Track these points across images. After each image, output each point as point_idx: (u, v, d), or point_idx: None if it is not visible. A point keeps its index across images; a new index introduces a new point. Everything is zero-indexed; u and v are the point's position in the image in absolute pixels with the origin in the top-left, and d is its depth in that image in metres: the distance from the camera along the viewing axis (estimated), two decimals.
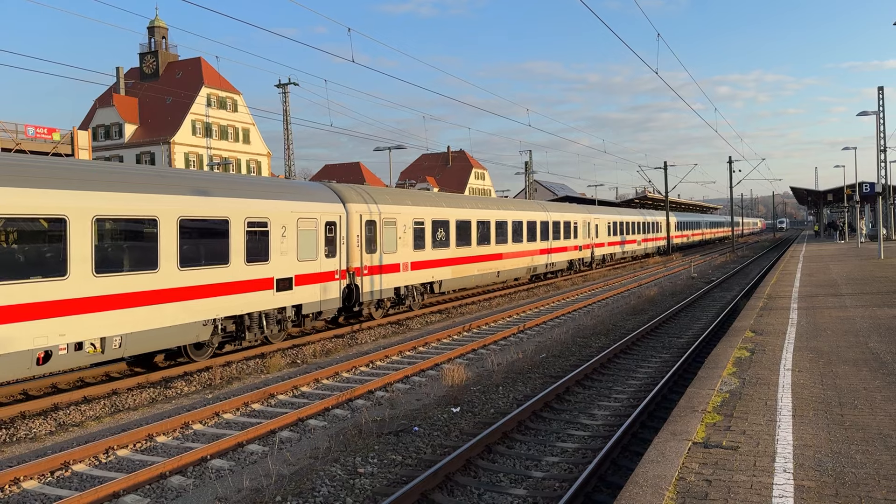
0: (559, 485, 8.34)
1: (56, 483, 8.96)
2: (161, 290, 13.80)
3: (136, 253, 13.31)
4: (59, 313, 11.80)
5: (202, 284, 14.77)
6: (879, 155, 42.36)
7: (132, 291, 13.15)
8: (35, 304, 11.41)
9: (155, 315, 13.62)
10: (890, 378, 9.56)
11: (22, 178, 11.49)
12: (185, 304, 14.31)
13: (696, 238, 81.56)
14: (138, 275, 13.30)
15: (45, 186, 11.76)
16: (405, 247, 22.46)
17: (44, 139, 39.61)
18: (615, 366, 14.96)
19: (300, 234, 17.71)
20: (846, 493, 5.67)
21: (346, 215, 19.54)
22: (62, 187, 12.09)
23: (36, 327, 11.38)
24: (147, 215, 13.54)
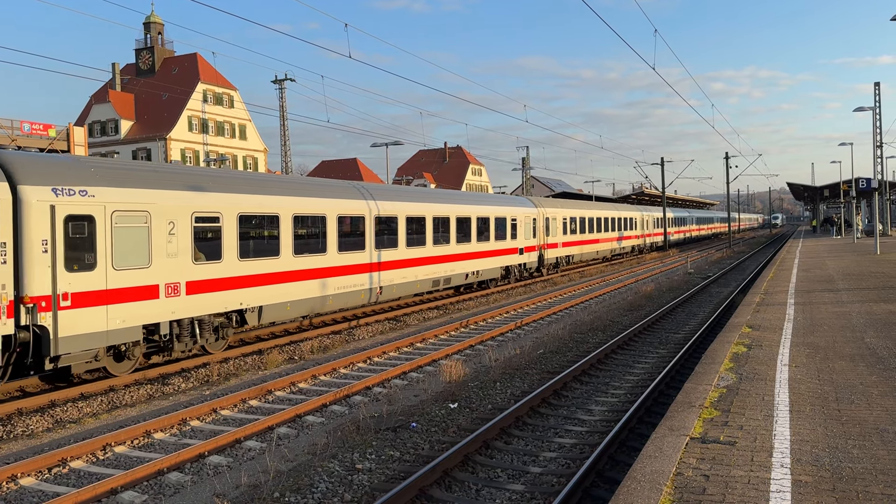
0: (557, 480, 8.35)
1: (53, 480, 8.95)
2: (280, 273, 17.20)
3: (264, 241, 16.67)
4: (220, 288, 15.42)
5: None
6: (876, 150, 42.43)
7: (257, 273, 16.47)
8: (207, 280, 15.10)
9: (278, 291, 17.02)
10: (886, 373, 9.59)
11: (201, 184, 15.17)
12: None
13: (693, 234, 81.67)
14: (263, 259, 16.61)
15: (210, 191, 15.31)
16: (556, 234, 36.61)
17: (40, 135, 39.51)
18: (612, 362, 14.98)
19: (524, 225, 32.20)
20: (843, 487, 5.68)
21: (539, 215, 33.97)
22: (219, 191, 15.54)
23: (219, 296, 15.41)
24: (271, 212, 16.88)
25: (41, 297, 11.83)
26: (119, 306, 13.10)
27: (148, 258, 13.66)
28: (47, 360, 12.11)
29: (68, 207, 12.28)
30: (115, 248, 13.05)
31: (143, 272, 13.62)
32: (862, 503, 5.39)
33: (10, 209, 11.49)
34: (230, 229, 15.60)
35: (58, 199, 12.12)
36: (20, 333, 11.71)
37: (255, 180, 17.15)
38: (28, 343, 11.85)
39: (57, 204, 12.10)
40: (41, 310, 11.82)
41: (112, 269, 13.00)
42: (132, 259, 13.39)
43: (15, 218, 11.60)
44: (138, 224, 13.53)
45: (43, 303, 11.85)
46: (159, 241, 13.93)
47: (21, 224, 11.66)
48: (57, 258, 12.06)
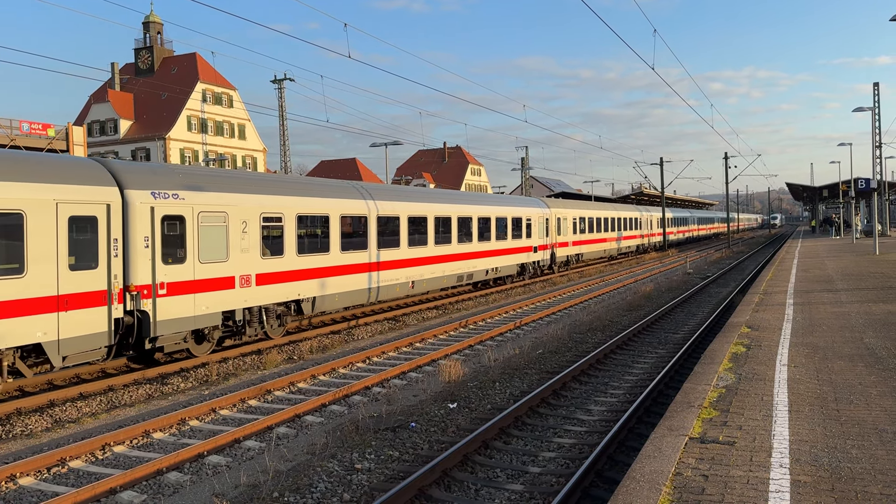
0: (556, 480, 8.35)
1: (52, 479, 8.95)
2: (331, 267, 19.04)
3: (317, 239, 18.51)
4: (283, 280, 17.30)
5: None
6: (875, 151, 42.47)
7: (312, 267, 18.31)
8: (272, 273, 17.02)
9: (328, 284, 18.91)
10: (885, 373, 9.59)
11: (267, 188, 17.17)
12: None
13: (692, 234, 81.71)
14: (317, 255, 18.47)
15: (274, 194, 17.27)
16: (566, 233, 38.20)
17: (38, 135, 39.49)
18: (612, 361, 14.98)
19: (538, 225, 33.70)
20: (842, 487, 5.69)
21: (551, 215, 35.72)
22: (281, 193, 17.47)
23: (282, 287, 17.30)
24: (323, 213, 18.71)
25: (143, 286, 13.64)
26: (203, 295, 14.95)
27: (226, 253, 15.57)
28: (146, 340, 13.89)
29: (164, 209, 14.11)
30: (200, 244, 14.91)
31: (222, 265, 15.48)
32: (861, 503, 5.39)
33: (121, 211, 13.35)
34: (290, 228, 17.55)
35: (156, 202, 13.94)
36: (125, 317, 13.43)
37: (309, 184, 19.31)
38: (132, 326, 13.58)
39: (155, 206, 13.93)
40: (143, 297, 13.63)
41: (198, 262, 14.85)
42: (213, 254, 15.24)
43: (123, 218, 13.42)
44: (218, 223, 15.39)
45: (144, 291, 13.64)
46: (235, 239, 15.80)
47: (127, 223, 13.46)
48: (155, 252, 13.86)
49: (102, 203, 12.88)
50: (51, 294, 11.96)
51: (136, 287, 13.41)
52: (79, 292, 12.43)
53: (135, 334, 13.59)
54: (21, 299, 11.52)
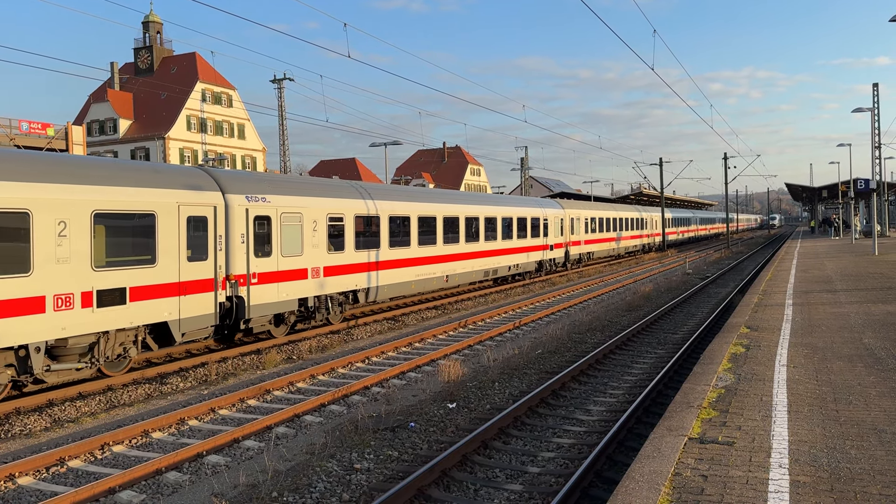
0: (555, 480, 8.35)
1: (51, 479, 8.94)
2: (381, 261, 21.44)
3: (370, 237, 20.90)
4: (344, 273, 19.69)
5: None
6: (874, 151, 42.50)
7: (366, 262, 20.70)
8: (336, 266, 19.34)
9: (379, 276, 21.27)
10: (884, 374, 9.60)
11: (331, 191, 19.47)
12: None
13: (691, 234, 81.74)
14: (370, 251, 20.80)
15: (336, 196, 19.47)
16: (579, 232, 40.17)
17: (38, 134, 39.47)
18: (611, 362, 14.98)
19: (554, 225, 35.83)
20: (841, 488, 5.69)
21: (566, 216, 37.95)
22: (342, 196, 19.67)
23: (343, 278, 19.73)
24: (374, 214, 21.14)
25: (240, 275, 15.99)
26: (284, 284, 17.35)
27: (301, 248, 17.87)
28: (241, 322, 16.33)
29: (256, 210, 16.45)
30: (282, 240, 17.21)
31: (298, 259, 17.83)
32: (860, 503, 5.39)
33: (224, 212, 15.59)
34: (350, 227, 19.82)
35: (249, 204, 16.27)
36: (226, 302, 15.75)
37: (363, 188, 21.65)
38: (230, 309, 15.91)
39: (249, 208, 16.25)
40: (240, 285, 16.01)
41: (281, 256, 17.16)
42: (292, 249, 17.54)
43: (225, 218, 15.69)
44: (295, 223, 17.67)
45: (241, 280, 16.02)
46: (308, 236, 18.12)
47: (228, 222, 15.76)
48: (249, 247, 16.21)
49: (211, 206, 15.24)
50: (174, 281, 14.28)
51: (234, 276, 15.82)
52: (194, 280, 14.78)
53: (233, 316, 15.91)
54: (153, 285, 13.80)
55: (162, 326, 14.22)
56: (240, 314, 15.93)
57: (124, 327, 13.27)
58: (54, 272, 11.96)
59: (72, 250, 12.25)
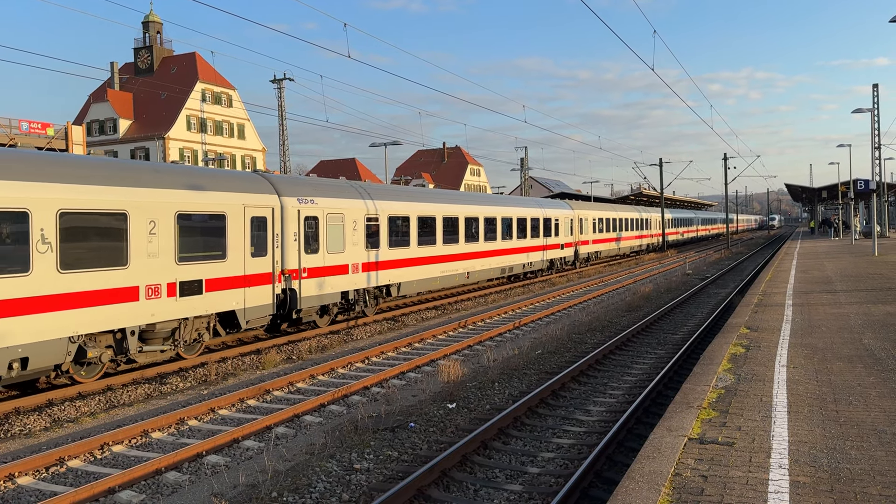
0: (555, 480, 8.35)
1: (51, 479, 8.94)
2: (410, 258, 23.11)
3: (401, 236, 22.49)
4: (378, 269, 21.32)
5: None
6: (874, 152, 42.51)
7: (398, 259, 22.35)
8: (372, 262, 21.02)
9: (408, 272, 22.97)
10: (884, 374, 9.60)
11: (368, 194, 21.25)
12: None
13: (691, 235, 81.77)
14: (401, 248, 22.51)
15: (372, 199, 21.17)
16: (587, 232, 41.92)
17: (38, 134, 39.47)
18: (611, 362, 14.98)
19: (564, 225, 37.75)
20: (841, 488, 5.69)
21: (575, 216, 39.67)
22: (377, 198, 21.45)
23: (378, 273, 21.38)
24: (405, 214, 22.74)
25: (293, 270, 17.62)
26: (329, 278, 18.99)
27: (343, 246, 19.53)
28: (293, 312, 17.88)
29: (306, 211, 18.07)
30: (328, 238, 18.88)
31: (341, 255, 19.45)
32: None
33: (280, 213, 17.22)
34: (384, 227, 21.44)
35: (301, 206, 17.91)
36: (280, 293, 17.40)
37: (396, 191, 23.59)
38: (284, 300, 17.56)
39: (300, 209, 17.88)
40: (293, 278, 17.64)
41: (326, 252, 18.80)
42: (335, 246, 19.21)
43: (281, 218, 17.32)
44: (338, 223, 19.31)
45: (294, 274, 17.66)
46: (349, 235, 19.75)
47: (283, 222, 17.39)
48: (300, 245, 17.86)
49: (269, 207, 16.87)
50: (241, 274, 15.93)
51: (288, 271, 17.43)
52: (256, 273, 16.46)
53: (286, 307, 17.51)
54: (224, 277, 15.45)
55: (230, 314, 15.95)
56: (292, 305, 17.63)
57: (200, 315, 14.97)
58: (146, 265, 13.62)
59: (160, 246, 13.90)
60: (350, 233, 19.78)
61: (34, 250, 11.57)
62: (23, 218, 11.39)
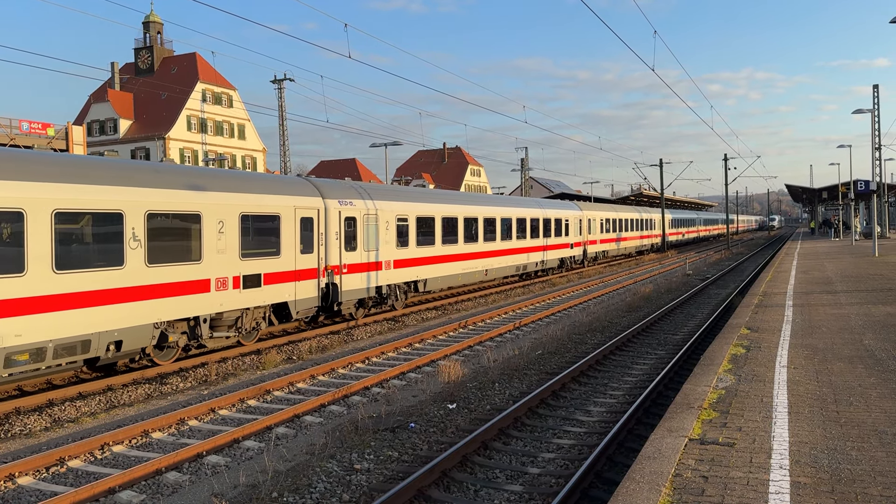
0: (555, 481, 8.35)
1: (51, 479, 8.94)
2: (435, 256, 24.88)
3: (427, 236, 24.10)
4: (408, 265, 23.03)
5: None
6: (874, 153, 42.50)
7: (424, 256, 24.03)
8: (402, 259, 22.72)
9: (434, 269, 24.72)
10: (885, 375, 9.59)
11: (399, 196, 22.92)
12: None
13: (692, 235, 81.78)
14: (427, 247, 24.15)
15: (403, 200, 22.86)
16: (595, 232, 43.48)
17: (38, 134, 39.46)
18: (611, 362, 14.98)
19: (574, 225, 39.57)
20: (842, 489, 5.69)
21: (583, 217, 41.08)
22: (406, 200, 23.08)
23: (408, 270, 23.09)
24: (430, 214, 24.52)
25: (335, 266, 19.17)
26: (365, 274, 20.56)
27: (377, 244, 21.05)
28: (335, 304, 19.43)
29: (346, 212, 19.65)
30: (364, 237, 20.39)
31: (375, 253, 20.94)
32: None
33: (324, 214, 18.72)
34: (412, 226, 23.03)
35: (341, 207, 19.46)
36: (324, 287, 18.88)
37: (424, 193, 25.36)
38: (326, 293, 19.03)
39: (341, 210, 19.43)
40: (335, 273, 19.20)
41: (363, 250, 20.36)
42: (370, 244, 20.74)
43: (325, 219, 18.84)
44: (373, 223, 20.85)
45: (335, 269, 19.19)
46: (382, 234, 21.30)
47: (326, 222, 18.88)
48: (341, 243, 19.37)
49: (315, 209, 18.44)
50: (292, 269, 17.52)
51: (330, 267, 18.93)
52: (305, 269, 18.05)
53: (329, 299, 18.99)
54: (278, 272, 17.04)
55: (282, 306, 17.53)
56: (334, 297, 19.10)
57: (259, 305, 16.53)
58: (216, 260, 15.17)
59: (226, 243, 15.49)
60: (383, 232, 21.34)
61: (127, 247, 13.15)
62: (118, 219, 12.98)
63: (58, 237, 11.88)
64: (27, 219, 11.40)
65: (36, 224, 11.52)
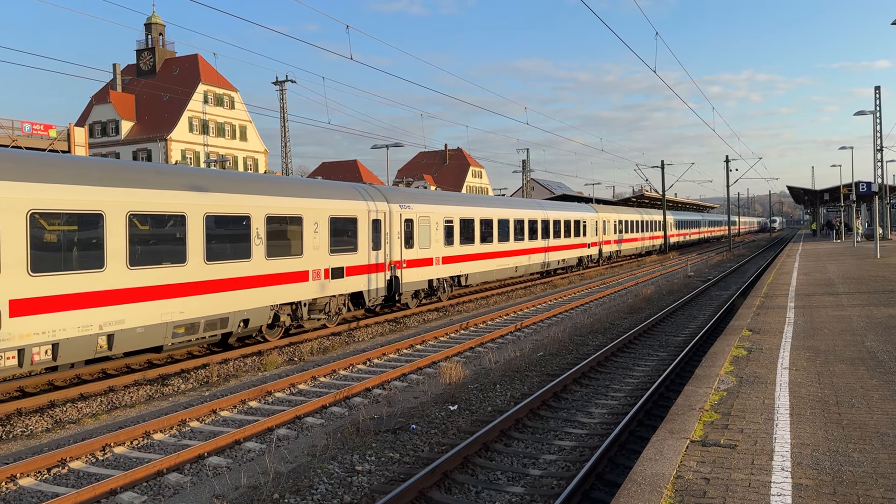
0: (557, 483, 8.34)
1: (53, 480, 8.94)
2: (475, 254, 27.71)
3: (468, 236, 27.06)
4: (454, 261, 26.08)
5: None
6: (876, 154, 42.45)
7: (466, 254, 26.92)
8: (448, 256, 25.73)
9: (474, 266, 27.62)
10: (887, 377, 9.58)
11: (447, 201, 26.12)
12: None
13: (693, 237, 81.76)
14: (468, 245, 27.13)
15: (448, 204, 25.94)
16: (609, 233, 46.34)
17: (40, 136, 39.51)
18: (612, 364, 14.97)
19: (591, 227, 42.30)
20: (844, 491, 5.68)
21: (599, 219, 43.99)
22: (451, 204, 26.18)
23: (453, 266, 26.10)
24: (470, 217, 27.35)
25: (397, 261, 22.14)
26: (420, 269, 23.54)
27: (430, 242, 24.14)
28: (396, 294, 22.47)
29: (405, 215, 22.59)
30: (419, 236, 23.40)
31: (428, 250, 24.08)
32: None
33: (388, 217, 21.71)
34: (456, 227, 26.07)
35: (402, 210, 22.45)
36: (388, 280, 21.75)
37: (465, 198, 28.66)
38: (390, 285, 21.82)
39: (402, 213, 22.42)
40: (397, 268, 22.16)
41: (419, 248, 23.38)
42: (424, 243, 23.79)
43: (389, 221, 21.74)
44: (425, 224, 23.90)
45: (397, 264, 22.16)
46: (433, 234, 24.35)
47: (390, 224, 21.86)
48: (402, 242, 22.34)
49: (383, 212, 21.45)
50: (366, 263, 20.44)
51: (393, 262, 21.82)
52: (375, 263, 20.98)
53: (392, 290, 21.82)
54: (356, 265, 20.05)
55: (358, 294, 20.56)
56: (395, 289, 21.92)
57: (342, 293, 19.58)
58: (313, 256, 18.24)
59: (320, 241, 18.54)
60: (434, 232, 24.34)
61: (253, 244, 16.24)
62: (248, 221, 16.13)
63: (207, 235, 14.96)
64: (188, 222, 14.53)
65: (194, 226, 14.66)
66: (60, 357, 12.02)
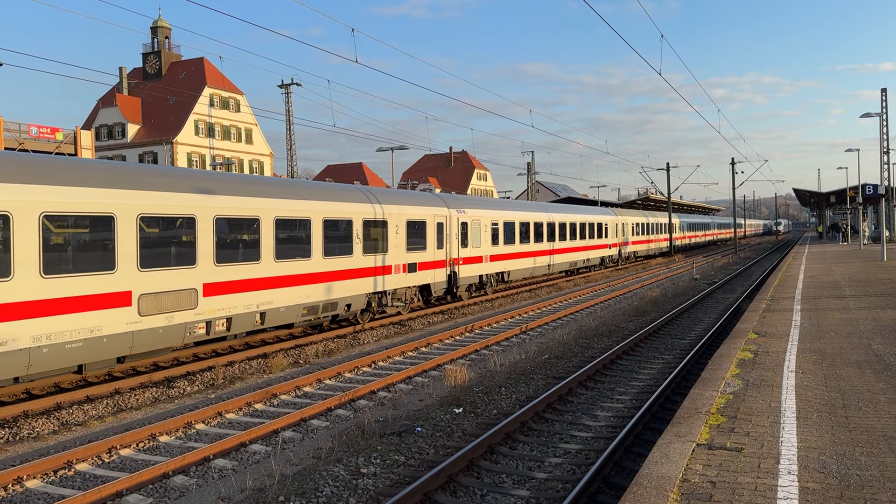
0: (562, 486, 8.33)
1: (59, 482, 8.96)
2: (515, 253, 30.94)
3: (510, 237, 30.22)
4: (498, 259, 29.15)
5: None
6: (882, 157, 42.28)
7: (508, 253, 30.17)
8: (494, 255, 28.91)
9: (515, 264, 30.78)
10: (894, 380, 9.54)
11: (493, 206, 29.45)
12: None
13: (699, 239, 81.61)
14: (510, 245, 30.24)
15: (486, 209, 28.55)
16: (627, 235, 49.04)
17: (47, 139, 39.66)
18: (618, 367, 14.94)
19: (611, 228, 45.16)
20: (851, 495, 5.65)
21: (618, 221, 46.87)
22: (486, 208, 28.55)
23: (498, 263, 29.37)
24: (511, 220, 30.42)
25: (455, 258, 25.35)
26: (472, 265, 26.68)
27: (480, 243, 27.11)
28: (454, 288, 25.48)
29: (461, 218, 25.88)
30: (471, 237, 26.50)
31: (478, 250, 27.12)
32: None
33: (448, 220, 24.83)
34: (501, 229, 29.15)
35: (459, 215, 25.69)
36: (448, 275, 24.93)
37: (509, 203, 31.86)
38: (450, 279, 24.99)
39: (459, 217, 25.67)
40: (455, 264, 25.37)
41: (472, 247, 26.52)
42: (475, 243, 26.86)
43: (448, 224, 24.84)
44: (476, 227, 26.97)
45: (455, 261, 25.35)
46: (482, 235, 27.32)
47: (450, 226, 24.95)
48: (458, 242, 25.51)
49: (444, 216, 24.65)
50: (432, 260, 23.78)
51: (452, 259, 25.02)
52: (439, 260, 24.29)
53: (452, 283, 25.09)
54: (425, 262, 23.39)
55: (426, 287, 23.80)
56: (454, 282, 25.19)
57: (415, 285, 22.92)
58: (395, 253, 21.60)
59: (400, 241, 21.86)
60: (483, 233, 27.38)
61: (354, 242, 19.63)
62: (351, 224, 19.50)
63: (325, 235, 18.44)
64: (312, 226, 17.99)
65: (316, 229, 18.11)
66: (232, 329, 15.52)
